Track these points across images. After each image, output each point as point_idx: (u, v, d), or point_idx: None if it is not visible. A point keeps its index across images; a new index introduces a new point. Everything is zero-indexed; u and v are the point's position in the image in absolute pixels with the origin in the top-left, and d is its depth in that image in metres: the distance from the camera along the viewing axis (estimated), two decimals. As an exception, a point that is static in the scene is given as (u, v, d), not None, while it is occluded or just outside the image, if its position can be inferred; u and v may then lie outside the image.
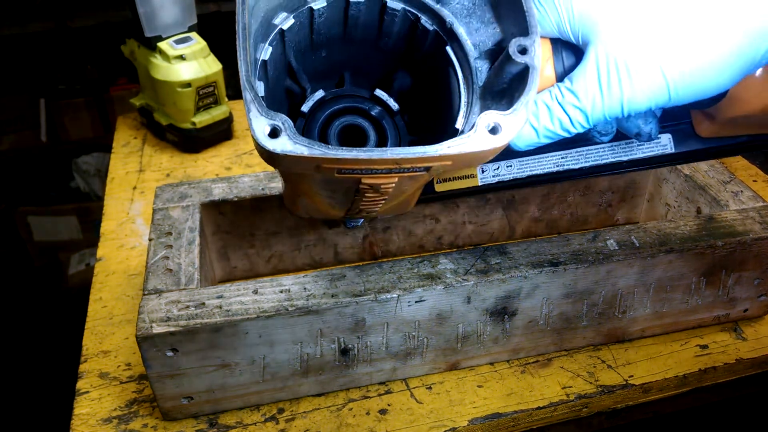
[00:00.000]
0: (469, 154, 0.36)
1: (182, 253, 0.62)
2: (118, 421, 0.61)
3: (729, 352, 0.68)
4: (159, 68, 0.98)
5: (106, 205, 0.92)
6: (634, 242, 0.62)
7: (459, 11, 0.43)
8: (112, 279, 0.78)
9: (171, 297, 0.57)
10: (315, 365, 0.60)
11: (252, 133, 0.35)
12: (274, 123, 0.35)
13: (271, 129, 0.35)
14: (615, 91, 0.39)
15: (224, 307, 0.56)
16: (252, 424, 0.60)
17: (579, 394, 0.63)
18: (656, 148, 0.53)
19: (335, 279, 0.59)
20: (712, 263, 0.64)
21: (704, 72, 0.38)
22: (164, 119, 1.02)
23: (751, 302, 0.69)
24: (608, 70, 0.39)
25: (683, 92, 0.39)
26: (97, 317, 0.72)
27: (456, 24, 0.44)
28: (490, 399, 0.63)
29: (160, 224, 0.66)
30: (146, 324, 0.54)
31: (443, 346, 0.62)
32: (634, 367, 0.66)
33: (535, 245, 0.62)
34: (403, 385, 0.64)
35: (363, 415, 0.61)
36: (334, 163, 0.35)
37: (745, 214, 0.66)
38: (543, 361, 0.67)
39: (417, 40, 0.46)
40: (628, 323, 0.67)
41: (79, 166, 2.24)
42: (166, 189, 0.70)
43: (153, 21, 0.98)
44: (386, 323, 0.59)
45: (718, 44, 0.37)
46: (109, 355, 0.68)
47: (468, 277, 0.59)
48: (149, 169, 1.00)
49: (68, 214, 2.18)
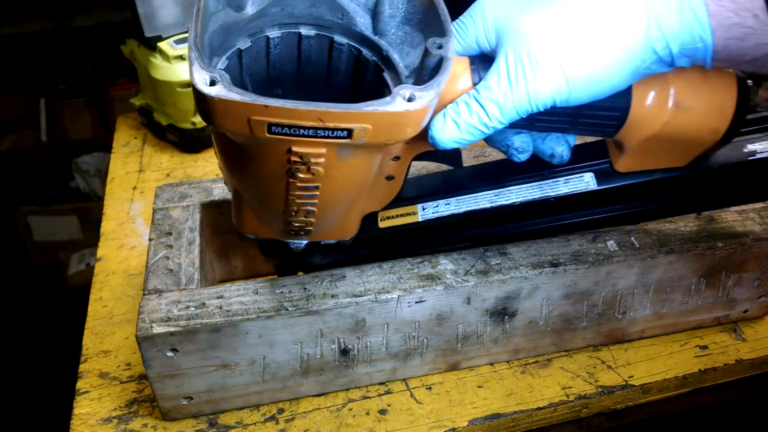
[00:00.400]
0: (388, 115, 0.39)
1: (182, 253, 0.62)
2: (118, 421, 0.61)
3: (729, 352, 0.68)
4: (159, 68, 0.98)
5: (106, 205, 0.92)
6: (634, 243, 0.63)
7: (394, 41, 0.48)
8: (112, 279, 0.78)
9: (171, 297, 0.57)
10: (315, 365, 0.60)
11: (192, 82, 0.38)
12: (213, 76, 0.38)
13: (210, 80, 0.38)
14: (522, 85, 0.44)
15: (224, 307, 0.56)
16: (252, 424, 0.60)
17: (579, 395, 0.63)
18: (580, 185, 0.57)
19: (335, 279, 0.59)
20: (712, 264, 0.64)
21: (597, 73, 0.43)
22: (164, 119, 1.02)
23: (751, 303, 0.69)
24: (516, 66, 0.44)
25: (580, 89, 0.44)
26: (97, 317, 0.73)
27: (391, 51, 0.48)
28: (490, 399, 0.63)
29: (160, 224, 0.66)
30: (146, 324, 0.54)
31: (443, 346, 0.63)
32: (634, 368, 0.66)
33: (535, 246, 0.62)
34: (403, 385, 0.64)
35: (363, 416, 0.61)
36: (263, 114, 0.38)
37: (745, 215, 0.66)
38: (543, 361, 0.67)
39: (360, 73, 0.50)
40: (627, 324, 0.67)
41: (79, 166, 2.24)
42: (166, 189, 0.70)
43: (153, 21, 0.98)
44: (386, 324, 0.59)
45: (607, 50, 0.43)
46: (109, 354, 0.68)
47: (468, 278, 0.59)
48: (149, 169, 1.00)
49: (68, 214, 2.18)
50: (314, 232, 0.52)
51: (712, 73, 0.49)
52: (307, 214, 0.48)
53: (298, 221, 0.50)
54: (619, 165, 0.56)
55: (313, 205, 0.47)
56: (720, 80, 0.50)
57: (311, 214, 0.48)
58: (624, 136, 0.52)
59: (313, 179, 0.44)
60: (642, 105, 0.49)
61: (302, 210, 0.48)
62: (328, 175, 0.44)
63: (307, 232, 0.51)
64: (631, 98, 0.49)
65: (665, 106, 0.49)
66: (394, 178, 0.54)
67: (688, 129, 0.50)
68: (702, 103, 0.49)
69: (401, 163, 0.53)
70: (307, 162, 0.42)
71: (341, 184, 0.46)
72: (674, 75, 0.49)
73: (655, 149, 0.53)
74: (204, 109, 0.40)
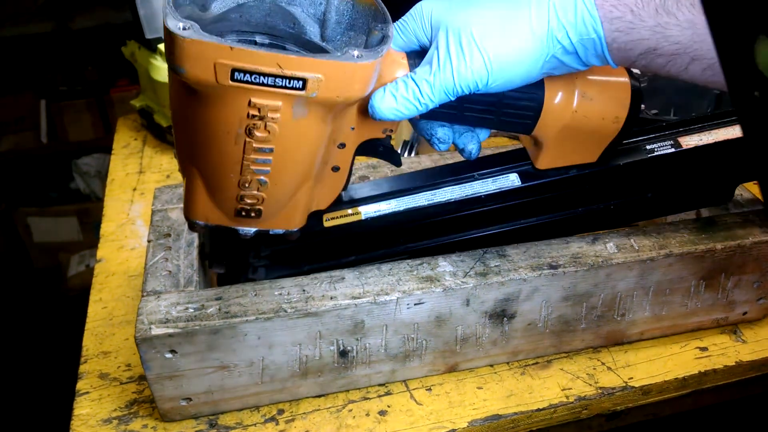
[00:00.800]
0: (339, 66, 0.45)
1: (181, 255, 0.62)
2: (118, 422, 0.61)
3: (728, 354, 0.68)
4: (159, 70, 0.98)
5: (106, 207, 0.92)
6: (633, 245, 0.63)
7: (340, 46, 0.52)
8: (112, 280, 0.78)
9: (170, 298, 0.57)
10: (314, 367, 0.60)
11: (166, 27, 0.42)
12: (185, 24, 0.42)
13: (183, 26, 0.42)
14: (449, 68, 0.50)
15: (223, 308, 0.56)
16: (252, 425, 0.60)
17: (579, 396, 0.63)
18: (506, 184, 0.64)
19: (334, 281, 0.59)
20: (711, 266, 0.64)
21: (513, 59, 0.50)
22: (165, 121, 1.02)
23: (750, 305, 0.69)
24: (445, 52, 0.50)
25: (499, 73, 0.50)
26: (97, 318, 0.73)
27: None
28: (490, 400, 0.63)
29: (159, 226, 0.66)
30: (145, 325, 0.54)
31: (442, 348, 0.63)
32: (634, 369, 0.66)
33: (534, 248, 0.62)
34: (403, 386, 0.64)
35: (363, 417, 0.61)
36: (228, 57, 0.42)
37: (744, 217, 0.66)
38: (543, 363, 0.67)
39: None
40: (627, 326, 0.67)
41: (79, 168, 2.24)
42: (165, 190, 0.70)
43: (153, 23, 0.98)
44: (385, 325, 0.59)
45: (520, 39, 0.50)
46: (109, 355, 0.68)
47: (467, 280, 0.59)
48: (149, 170, 1.00)
49: (68, 215, 2.18)
50: (263, 215, 0.54)
51: (607, 70, 0.57)
52: (259, 186, 0.51)
53: (249, 196, 0.52)
54: (539, 163, 0.61)
55: (266, 173, 0.50)
56: (615, 76, 0.58)
57: (263, 186, 0.51)
58: (540, 130, 0.58)
59: (268, 139, 0.48)
60: (553, 98, 0.56)
61: (254, 181, 0.51)
62: (282, 135, 0.48)
63: (258, 214, 0.53)
64: (545, 91, 0.56)
65: (572, 96, 0.57)
66: (339, 169, 0.57)
67: (593, 117, 0.57)
68: (603, 94, 0.57)
69: (346, 152, 0.56)
70: (264, 117, 0.46)
71: (293, 148, 0.50)
72: (577, 74, 0.56)
73: (569, 143, 0.60)
74: (174, 55, 0.43)
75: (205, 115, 0.47)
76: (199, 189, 0.53)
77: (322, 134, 0.51)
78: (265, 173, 0.50)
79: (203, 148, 0.50)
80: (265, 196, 0.52)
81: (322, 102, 0.46)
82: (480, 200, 0.63)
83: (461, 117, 0.56)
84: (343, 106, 0.49)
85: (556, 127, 0.58)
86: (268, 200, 0.53)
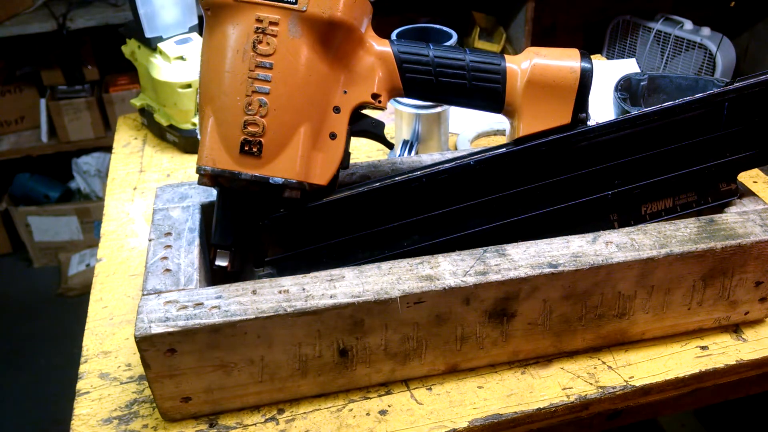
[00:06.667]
0: None
1: (181, 254, 0.62)
2: (118, 422, 0.61)
3: (729, 353, 0.68)
4: (159, 69, 0.98)
5: (106, 206, 0.92)
6: (634, 244, 0.62)
7: None
8: (112, 279, 0.78)
9: (170, 297, 0.57)
10: (314, 366, 0.60)
11: None
12: None
13: None
14: None
15: (223, 307, 0.56)
16: (252, 425, 0.60)
17: (579, 395, 0.63)
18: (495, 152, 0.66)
19: (334, 280, 0.59)
20: (712, 266, 0.64)
21: None
22: (165, 120, 1.02)
23: (751, 305, 0.69)
24: None
25: None
26: (97, 318, 0.73)
27: None
28: (490, 400, 0.63)
29: (160, 224, 0.66)
30: (145, 324, 0.54)
31: (442, 347, 0.62)
32: (635, 369, 0.66)
33: (534, 247, 0.62)
34: (403, 386, 0.64)
35: (363, 416, 0.61)
36: None
37: (745, 217, 0.66)
38: (543, 362, 0.66)
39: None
40: (627, 326, 0.67)
41: (79, 167, 2.24)
42: (166, 189, 0.70)
43: (153, 21, 0.98)
44: (385, 324, 0.59)
45: None
46: (110, 355, 0.68)
47: (467, 279, 0.59)
48: (150, 169, 1.00)
49: (68, 214, 2.18)
50: (264, 155, 0.58)
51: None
52: (260, 108, 0.57)
53: (252, 123, 0.57)
54: (518, 132, 0.65)
55: (266, 93, 0.57)
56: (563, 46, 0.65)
57: (263, 109, 0.57)
58: (510, 97, 0.64)
59: (269, 52, 0.56)
60: (513, 63, 0.64)
61: (256, 101, 0.57)
62: (280, 54, 0.56)
63: (259, 150, 0.57)
64: (504, 60, 0.63)
65: (528, 59, 0.63)
66: (336, 136, 0.61)
67: (552, 71, 0.63)
68: (554, 52, 0.64)
69: (341, 117, 0.61)
70: (265, 29, 0.56)
71: (290, 69, 0.57)
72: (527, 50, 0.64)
73: (539, 105, 0.64)
74: None
75: (220, 35, 0.57)
76: (211, 128, 0.58)
77: (315, 66, 0.58)
78: (265, 92, 0.57)
79: (217, 72, 0.57)
80: (266, 123, 0.57)
81: (311, 19, 0.56)
82: (470, 167, 0.65)
83: (437, 85, 0.62)
84: (329, 27, 0.56)
85: (521, 87, 0.63)
86: (269, 129, 0.57)
